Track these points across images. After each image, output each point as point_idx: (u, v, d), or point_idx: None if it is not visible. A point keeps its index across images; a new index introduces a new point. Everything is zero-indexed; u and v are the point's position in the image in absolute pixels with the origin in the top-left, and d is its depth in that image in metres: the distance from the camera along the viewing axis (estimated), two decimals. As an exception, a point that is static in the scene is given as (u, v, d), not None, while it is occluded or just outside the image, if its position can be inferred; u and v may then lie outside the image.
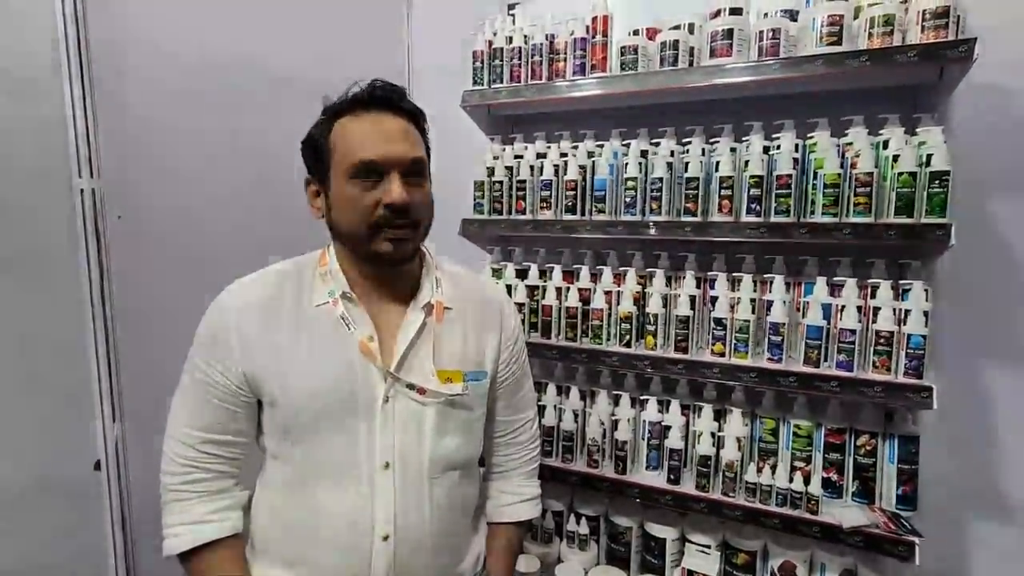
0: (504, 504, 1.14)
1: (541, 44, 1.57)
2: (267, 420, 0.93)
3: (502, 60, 1.61)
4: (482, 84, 1.64)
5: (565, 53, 1.54)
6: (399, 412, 0.92)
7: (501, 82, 1.62)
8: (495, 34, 1.64)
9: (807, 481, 1.37)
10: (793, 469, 1.42)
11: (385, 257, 0.89)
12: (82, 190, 1.16)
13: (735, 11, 1.40)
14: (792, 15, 1.38)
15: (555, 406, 1.64)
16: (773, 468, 1.42)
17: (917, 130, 1.32)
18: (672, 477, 1.49)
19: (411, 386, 0.92)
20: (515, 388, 1.12)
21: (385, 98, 0.90)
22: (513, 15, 1.75)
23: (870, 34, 1.26)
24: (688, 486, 1.47)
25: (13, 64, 1.07)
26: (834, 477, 1.41)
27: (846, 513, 1.33)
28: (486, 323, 1.05)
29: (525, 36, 1.59)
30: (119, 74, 1.20)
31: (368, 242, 0.88)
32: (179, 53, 1.33)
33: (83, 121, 1.15)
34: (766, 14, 1.41)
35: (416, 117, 0.94)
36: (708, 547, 1.49)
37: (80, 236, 1.16)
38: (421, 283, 0.99)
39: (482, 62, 1.63)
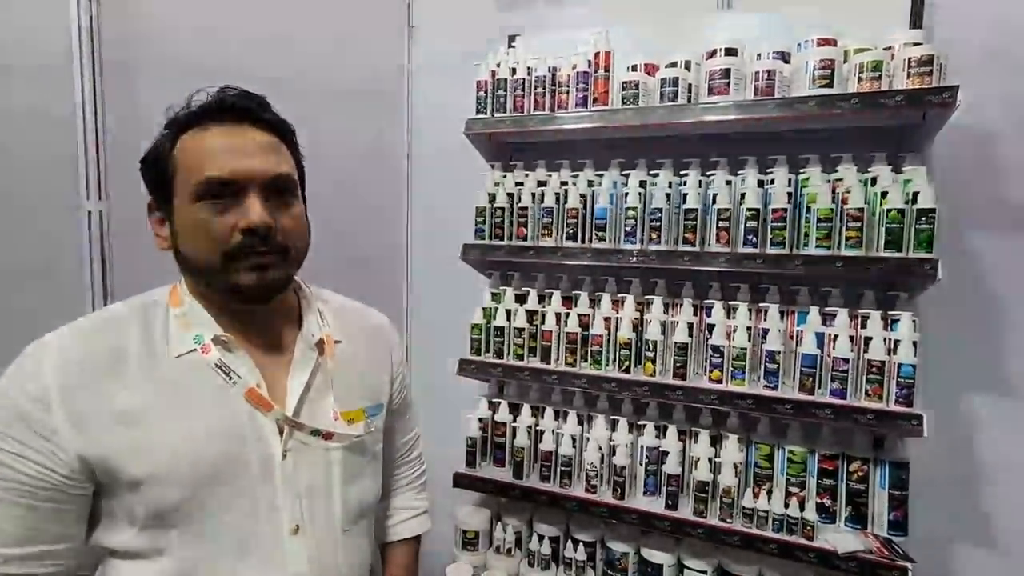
0: (401, 520, 1.05)
1: (544, 76, 1.61)
2: (118, 510, 0.71)
3: (505, 90, 1.65)
4: (485, 113, 1.68)
5: (567, 85, 1.59)
6: (302, 466, 0.78)
7: (504, 111, 1.66)
8: (498, 65, 1.69)
9: (802, 507, 1.40)
10: (788, 495, 1.45)
11: (248, 291, 0.74)
12: (89, 212, 1.15)
13: (730, 51, 1.47)
14: (785, 57, 1.45)
15: (553, 431, 1.65)
16: (769, 493, 1.45)
17: (903, 168, 1.39)
18: (670, 503, 1.50)
19: (316, 432, 0.79)
20: (404, 409, 1.05)
21: (241, 107, 0.75)
22: (514, 47, 1.80)
23: (859, 78, 1.33)
24: (686, 511, 1.49)
25: (30, 96, 1.07)
26: (827, 502, 1.44)
27: (840, 538, 1.36)
28: (376, 353, 0.96)
29: (528, 68, 1.64)
30: (131, 94, 1.21)
31: (225, 274, 0.73)
32: (190, 69, 1.35)
33: (93, 145, 1.15)
34: (759, 55, 1.48)
35: (282, 130, 0.79)
36: (704, 572, 1.50)
37: (86, 256, 1.15)
38: (303, 317, 0.86)
39: (486, 91, 1.67)
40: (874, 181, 1.40)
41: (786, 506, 1.41)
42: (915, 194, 1.30)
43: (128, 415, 0.69)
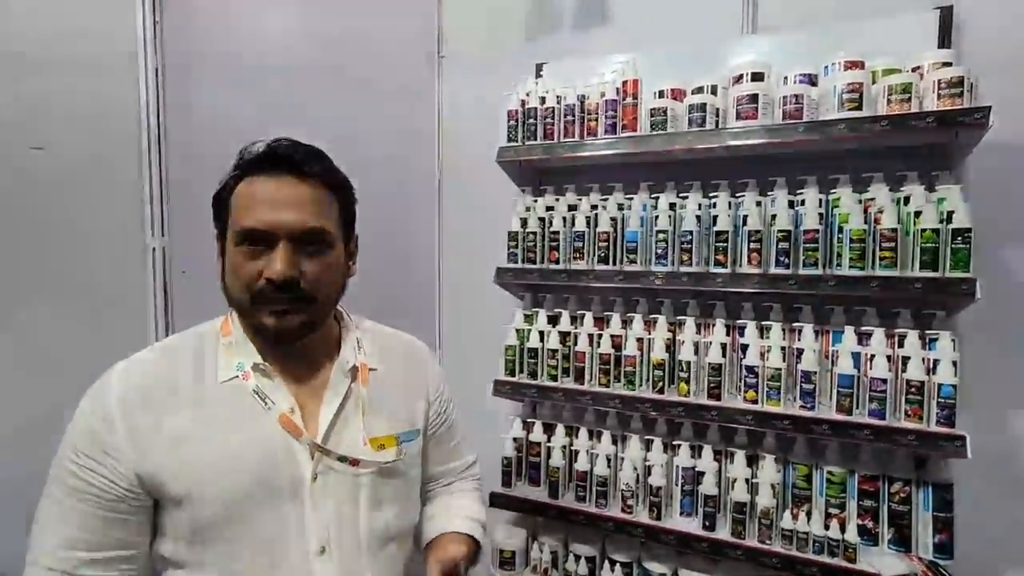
0: (454, 516, 1.02)
1: (573, 104, 1.66)
2: (168, 523, 0.78)
3: (536, 119, 1.70)
4: (516, 141, 1.73)
5: (596, 113, 1.63)
6: (330, 489, 0.82)
7: (534, 139, 1.71)
8: (528, 94, 1.74)
9: (843, 528, 1.39)
10: (828, 516, 1.44)
11: (268, 332, 0.80)
12: (153, 248, 1.22)
13: (757, 76, 1.50)
14: (812, 80, 1.47)
15: (587, 451, 1.67)
16: (808, 515, 1.44)
17: (936, 187, 1.39)
18: (707, 523, 1.50)
19: (343, 459, 0.83)
20: (448, 436, 1.06)
21: (286, 158, 0.80)
22: (542, 76, 1.86)
23: (888, 100, 1.34)
24: (723, 532, 1.49)
25: (98, 141, 1.16)
26: (869, 524, 1.42)
27: (884, 561, 1.34)
28: (412, 378, 0.99)
29: (558, 97, 1.69)
30: (188, 136, 1.29)
31: (251, 314, 0.80)
32: (249, 96, 1.43)
33: (158, 184, 1.22)
34: (786, 79, 1.50)
35: (330, 183, 0.84)
36: (744, 595, 1.50)
37: (149, 289, 1.23)
38: (341, 345, 0.91)
39: (516, 120, 1.73)
40: (907, 200, 1.40)
41: (826, 527, 1.39)
42: (950, 213, 1.30)
43: (176, 436, 0.76)
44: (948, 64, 1.35)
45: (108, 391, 0.77)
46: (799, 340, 1.48)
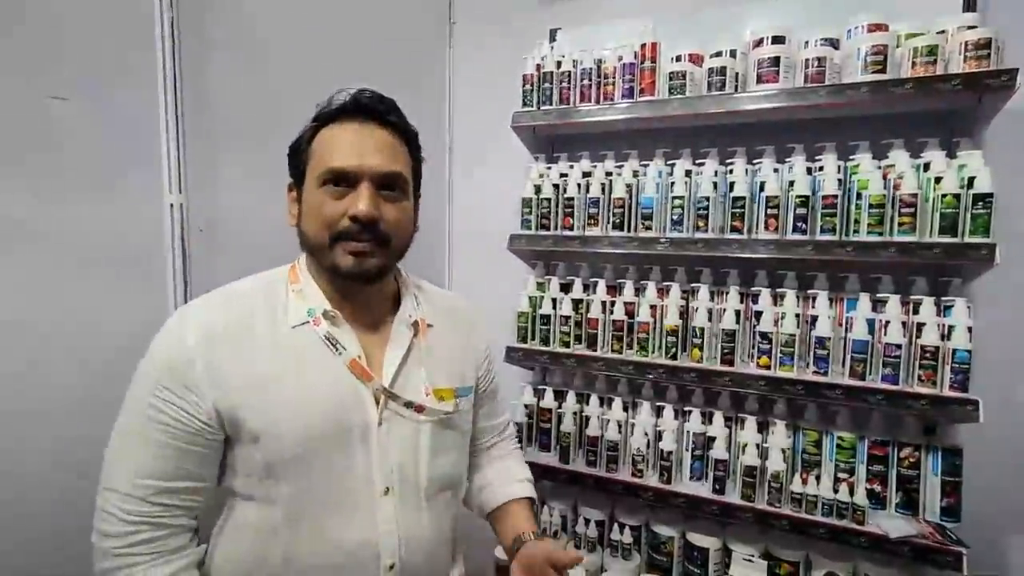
0: (505, 484, 1.10)
1: (590, 69, 1.64)
2: (240, 459, 0.81)
3: (552, 83, 1.68)
4: (531, 106, 1.71)
5: (614, 77, 1.61)
6: (395, 434, 0.86)
7: (550, 104, 1.69)
8: (543, 59, 1.72)
9: (852, 492, 1.40)
10: (837, 480, 1.46)
11: (344, 271, 0.82)
12: (171, 204, 1.22)
13: (778, 39, 1.48)
14: (834, 43, 1.45)
15: (599, 417, 1.68)
16: (817, 479, 1.46)
17: (958, 153, 1.38)
18: (717, 487, 1.52)
19: (409, 404, 0.87)
20: (493, 393, 1.13)
21: (371, 108, 0.85)
22: (556, 42, 1.83)
23: (913, 63, 1.32)
24: (733, 496, 1.51)
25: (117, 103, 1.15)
26: (878, 488, 1.44)
27: (892, 524, 1.36)
28: (464, 337, 1.03)
29: (574, 61, 1.67)
30: (204, 89, 1.28)
31: (328, 253, 0.82)
32: (262, 59, 1.41)
33: (175, 137, 1.22)
34: (807, 42, 1.48)
35: (405, 133, 0.89)
36: (751, 557, 1.52)
37: (169, 247, 1.22)
38: (402, 300, 0.95)
39: (532, 85, 1.71)
40: (927, 167, 1.39)
41: (835, 491, 1.41)
42: (971, 179, 1.29)
43: (253, 375, 0.80)
44: (973, 27, 1.33)
45: (187, 328, 0.80)
46: (813, 307, 1.48)
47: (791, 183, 1.46)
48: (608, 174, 1.70)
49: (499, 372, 1.17)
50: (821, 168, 1.48)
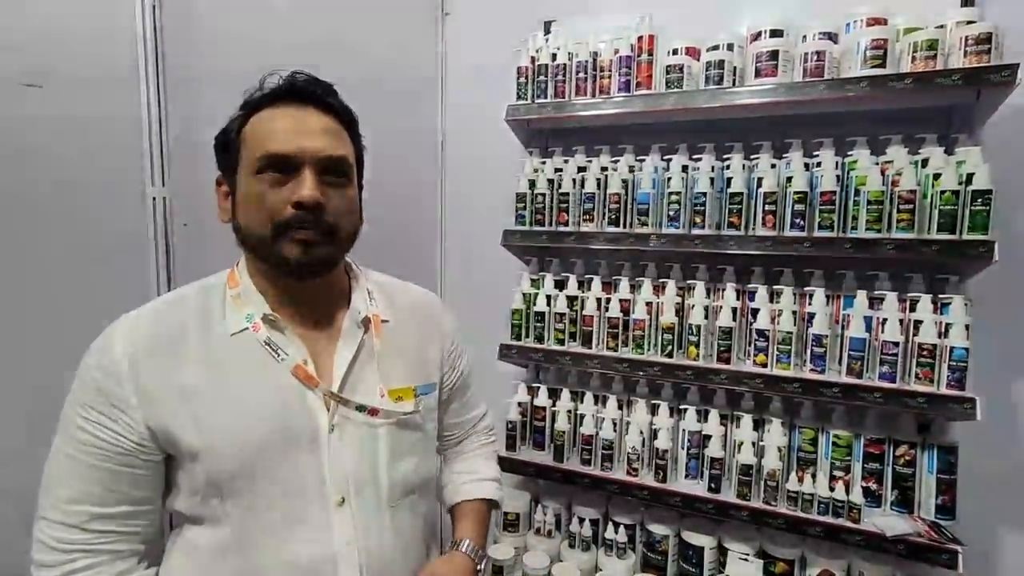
0: (464, 483, 1.06)
1: (586, 61, 1.61)
2: (183, 478, 0.76)
3: (546, 76, 1.65)
4: (526, 99, 1.68)
5: (609, 70, 1.59)
6: (348, 440, 0.80)
7: (545, 97, 1.66)
8: (538, 51, 1.68)
9: (848, 490, 1.40)
10: (832, 478, 1.45)
11: (291, 263, 0.76)
12: (153, 198, 1.18)
13: (776, 33, 1.46)
14: (832, 38, 1.43)
15: (593, 415, 1.67)
16: (813, 477, 1.45)
17: (956, 149, 1.37)
18: (713, 486, 1.51)
19: (361, 408, 0.81)
20: (463, 388, 1.06)
21: (308, 91, 0.79)
22: (550, 34, 1.80)
23: (913, 57, 1.31)
24: (729, 494, 1.50)
25: (99, 98, 1.11)
26: (873, 486, 1.44)
27: (888, 522, 1.36)
28: (425, 331, 0.96)
29: (570, 54, 1.64)
30: (190, 80, 1.24)
31: (272, 245, 0.76)
32: (246, 55, 1.37)
33: (157, 131, 1.17)
34: (805, 36, 1.46)
35: (346, 117, 0.83)
36: (747, 555, 1.51)
37: (151, 242, 1.19)
38: (352, 296, 0.89)
39: (526, 78, 1.68)
40: (925, 163, 1.38)
41: (831, 489, 1.41)
42: (970, 176, 1.28)
43: (187, 389, 0.74)
44: (973, 22, 1.32)
45: (113, 344, 0.74)
46: (810, 305, 1.47)
47: (789, 179, 1.45)
48: (604, 169, 1.68)
49: (489, 369, 1.14)
50: (819, 164, 1.46)
